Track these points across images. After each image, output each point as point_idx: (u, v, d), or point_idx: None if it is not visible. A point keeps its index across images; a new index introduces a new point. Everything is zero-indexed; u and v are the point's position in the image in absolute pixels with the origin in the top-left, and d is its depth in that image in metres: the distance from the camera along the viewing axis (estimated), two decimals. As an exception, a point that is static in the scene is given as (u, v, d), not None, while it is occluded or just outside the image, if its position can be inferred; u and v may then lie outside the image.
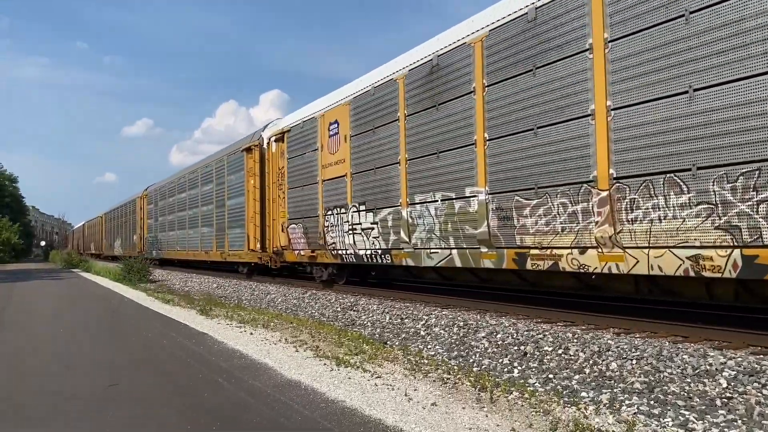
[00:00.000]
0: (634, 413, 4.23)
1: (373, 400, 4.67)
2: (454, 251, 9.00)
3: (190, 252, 23.57)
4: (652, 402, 4.50)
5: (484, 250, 8.41)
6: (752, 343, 5.91)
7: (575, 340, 6.40)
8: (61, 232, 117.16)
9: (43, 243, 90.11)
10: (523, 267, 7.82)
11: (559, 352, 6.13)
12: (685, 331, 6.58)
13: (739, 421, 4.00)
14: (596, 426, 3.92)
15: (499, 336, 7.03)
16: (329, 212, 12.48)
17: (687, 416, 4.12)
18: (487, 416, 4.21)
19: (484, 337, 7.09)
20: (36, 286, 20.20)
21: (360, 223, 11.36)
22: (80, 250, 61.40)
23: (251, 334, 8.14)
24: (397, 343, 7.42)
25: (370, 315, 9.53)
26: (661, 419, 4.08)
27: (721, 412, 4.19)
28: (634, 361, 5.48)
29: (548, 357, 6.08)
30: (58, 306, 13.12)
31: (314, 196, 13.17)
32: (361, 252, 11.35)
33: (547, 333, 6.84)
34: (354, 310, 10.15)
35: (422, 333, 7.89)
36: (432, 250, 9.45)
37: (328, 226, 12.52)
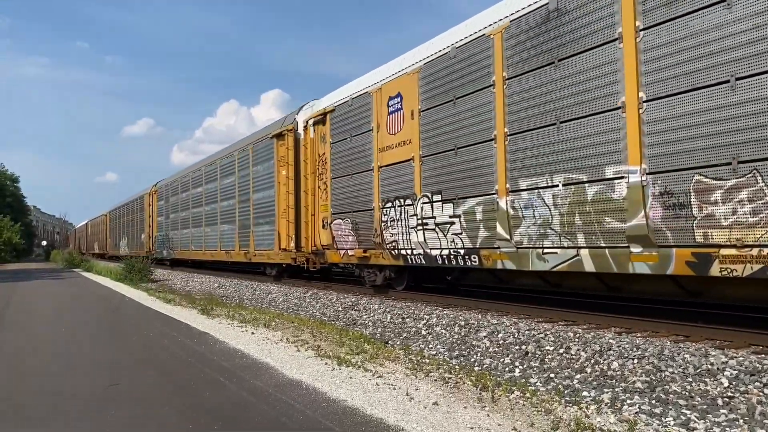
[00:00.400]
0: (636, 413, 4.22)
1: (374, 399, 4.67)
2: (584, 252, 6.94)
3: (207, 252, 21.49)
4: (653, 401, 4.50)
5: (636, 249, 6.34)
6: (754, 343, 5.90)
7: (576, 340, 6.40)
8: (62, 232, 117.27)
9: (44, 243, 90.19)
10: (704, 272, 5.74)
11: (561, 351, 6.13)
12: (687, 331, 6.57)
13: (741, 421, 4.00)
14: (598, 425, 3.92)
15: (500, 335, 7.02)
16: (388, 204, 10.52)
17: (688, 415, 4.11)
18: (488, 416, 4.20)
19: (485, 337, 7.08)
20: (37, 286, 20.22)
21: (433, 217, 9.41)
22: (83, 249, 60.65)
23: (252, 333, 8.14)
24: (398, 343, 7.42)
25: (371, 314, 9.54)
26: (662, 418, 4.08)
27: (722, 411, 4.19)
28: (636, 361, 5.48)
29: (550, 356, 6.07)
30: (59, 306, 13.13)
31: (367, 185, 11.15)
32: (435, 252, 9.39)
33: (548, 332, 6.83)
34: (355, 310, 10.16)
35: (423, 332, 7.89)
36: (547, 250, 7.43)
37: (386, 221, 10.56)
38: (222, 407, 4.60)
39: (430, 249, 9.53)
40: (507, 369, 5.84)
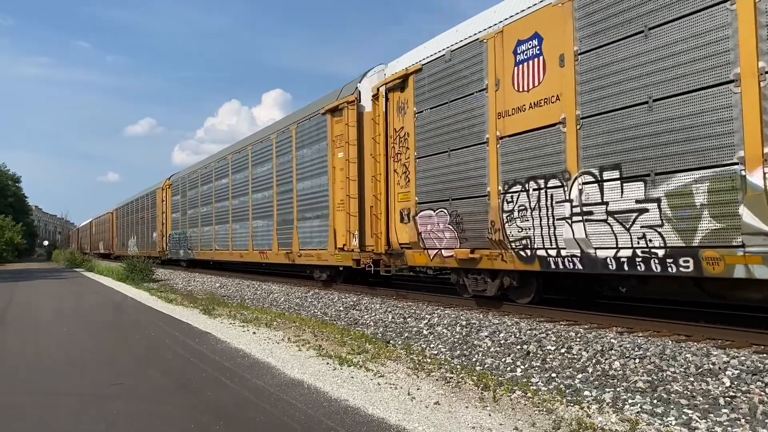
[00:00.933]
0: (637, 412, 4.23)
1: (375, 399, 4.67)
2: None
3: (236, 252, 18.69)
4: (655, 401, 4.50)
5: None
6: (755, 342, 5.90)
7: (578, 339, 6.41)
8: (63, 232, 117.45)
9: (45, 243, 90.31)
10: None
11: (562, 351, 6.14)
12: (688, 330, 6.57)
13: (743, 420, 4.00)
14: (599, 425, 3.92)
15: (501, 335, 7.03)
16: (515, 188, 7.88)
17: (690, 415, 4.12)
18: (490, 415, 4.21)
19: (486, 336, 7.09)
20: (39, 286, 20.25)
21: (603, 203, 6.75)
22: (87, 249, 59.68)
23: (254, 333, 8.15)
24: (399, 343, 7.43)
25: (373, 314, 9.54)
26: (664, 418, 4.08)
27: (724, 410, 4.19)
28: (637, 360, 5.48)
29: (551, 356, 6.08)
30: (61, 305, 13.15)
31: (477, 164, 8.51)
32: (604, 253, 6.76)
33: (549, 332, 6.84)
34: (356, 310, 10.16)
35: (425, 332, 7.90)
36: None
37: (510, 211, 7.95)
38: (224, 407, 4.61)
39: (595, 249, 6.86)
40: (508, 369, 5.85)
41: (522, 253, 7.85)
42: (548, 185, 7.43)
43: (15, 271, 33.89)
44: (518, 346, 6.53)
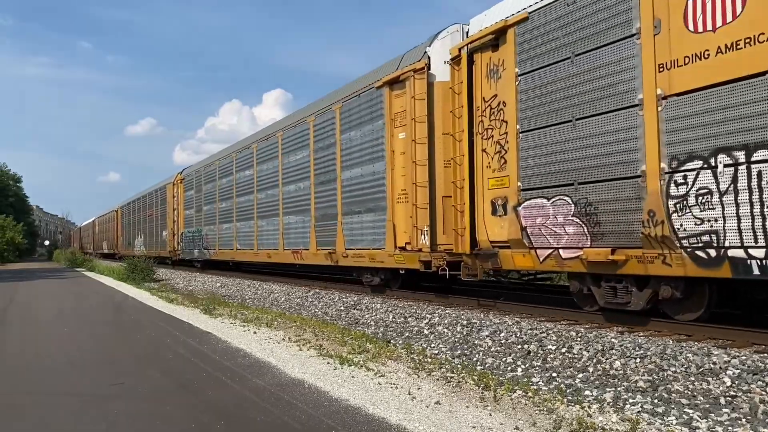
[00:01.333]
0: (638, 412, 4.22)
1: (376, 398, 4.67)
2: None
3: (262, 252, 16.81)
4: (655, 400, 4.49)
5: None
6: (756, 342, 5.90)
7: (579, 339, 6.41)
8: (65, 232, 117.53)
9: (47, 243, 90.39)
10: None
11: (563, 350, 6.14)
12: (689, 330, 6.56)
13: (744, 420, 3.99)
14: (600, 424, 3.92)
15: (502, 334, 7.03)
16: (689, 165, 5.98)
17: (691, 415, 4.11)
18: (490, 415, 4.21)
19: (487, 336, 7.09)
20: (40, 286, 20.27)
21: None
22: (90, 249, 58.87)
23: (255, 333, 8.15)
24: (400, 342, 7.43)
25: (374, 314, 9.54)
26: (664, 418, 4.08)
27: (725, 410, 4.19)
28: (638, 360, 5.48)
29: (552, 355, 6.08)
30: (62, 305, 13.16)
31: (623, 134, 6.63)
32: None
33: (550, 331, 6.84)
34: (357, 309, 10.16)
35: (425, 332, 7.90)
36: None
37: (682, 198, 6.04)
38: (225, 406, 4.60)
39: None
40: (509, 368, 5.85)
41: (701, 253, 5.89)
42: (754, 158, 5.43)
43: (16, 270, 33.92)
44: (519, 346, 6.53)
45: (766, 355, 5.28)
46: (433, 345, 7.16)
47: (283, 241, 15.41)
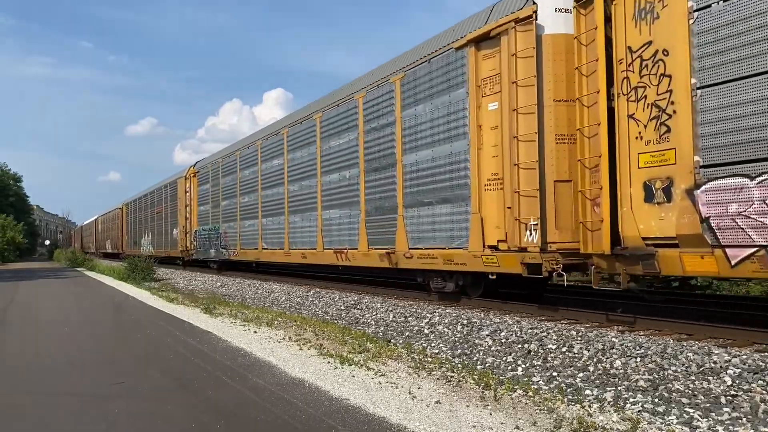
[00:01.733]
0: (639, 411, 4.22)
1: (376, 398, 4.67)
2: None
3: (295, 251, 14.66)
4: (656, 400, 4.49)
5: None
6: (757, 341, 5.90)
7: (579, 338, 6.40)
8: (65, 231, 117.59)
9: (47, 242, 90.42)
10: None
11: (563, 350, 6.13)
12: (690, 329, 6.56)
13: (744, 419, 3.99)
14: (600, 424, 3.91)
15: (502, 334, 7.03)
16: None
17: (691, 414, 4.11)
18: (491, 414, 4.20)
19: (487, 335, 7.09)
20: (40, 285, 20.27)
21: None
22: (92, 249, 57.38)
23: (255, 332, 8.15)
24: (400, 342, 7.43)
25: (374, 313, 9.54)
26: (665, 417, 4.07)
27: (725, 409, 4.19)
28: (639, 359, 5.48)
29: (552, 355, 6.07)
30: (62, 305, 13.16)
31: None
32: None
33: (551, 331, 6.83)
34: (357, 309, 10.16)
35: (426, 331, 7.90)
36: None
37: None
38: (225, 405, 4.60)
39: None
40: (509, 367, 5.84)
41: None
42: None
43: (16, 270, 33.93)
44: (519, 345, 6.53)
45: (766, 354, 5.27)
46: (433, 344, 7.16)
47: (323, 240, 13.23)
